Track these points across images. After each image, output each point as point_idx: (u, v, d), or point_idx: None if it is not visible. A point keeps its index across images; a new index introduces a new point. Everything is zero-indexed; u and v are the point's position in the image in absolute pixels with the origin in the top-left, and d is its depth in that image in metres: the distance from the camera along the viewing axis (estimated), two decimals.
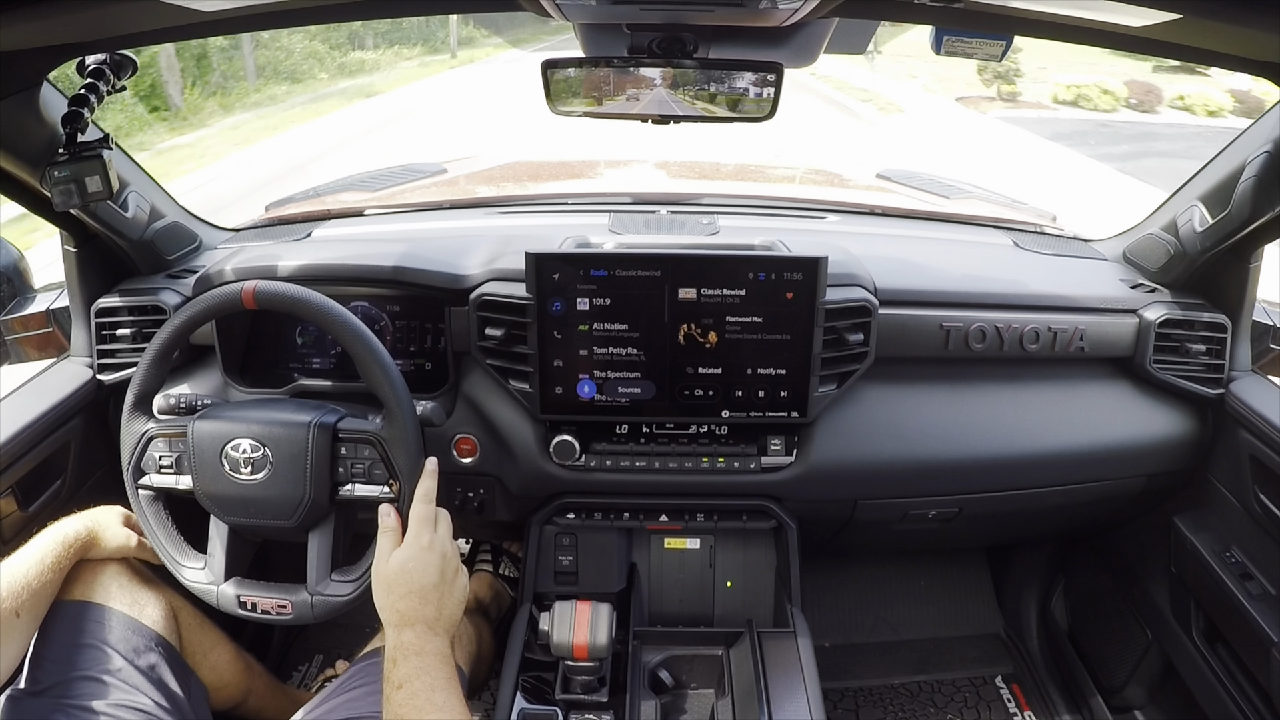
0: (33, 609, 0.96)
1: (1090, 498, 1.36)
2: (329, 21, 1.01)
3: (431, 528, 0.92)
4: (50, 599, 1.00)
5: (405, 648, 0.82)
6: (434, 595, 0.87)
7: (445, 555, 0.91)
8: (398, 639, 0.83)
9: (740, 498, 1.27)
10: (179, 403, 1.11)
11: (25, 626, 0.96)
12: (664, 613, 1.34)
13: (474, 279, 1.20)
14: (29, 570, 0.96)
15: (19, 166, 1.05)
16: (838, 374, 1.17)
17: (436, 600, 0.87)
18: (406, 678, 0.79)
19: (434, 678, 0.79)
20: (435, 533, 0.92)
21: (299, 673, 1.70)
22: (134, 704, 0.96)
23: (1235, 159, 1.15)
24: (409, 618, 0.85)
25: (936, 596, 1.86)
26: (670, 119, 1.03)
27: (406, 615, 0.85)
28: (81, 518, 1.06)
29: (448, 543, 0.93)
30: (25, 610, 0.95)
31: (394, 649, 0.83)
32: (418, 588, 0.87)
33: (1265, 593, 1.15)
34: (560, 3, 0.87)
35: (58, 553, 1.00)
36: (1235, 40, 0.87)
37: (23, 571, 0.96)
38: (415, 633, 0.84)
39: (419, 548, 0.90)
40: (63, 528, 1.03)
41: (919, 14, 0.93)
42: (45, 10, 0.77)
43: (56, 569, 1.00)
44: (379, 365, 1.02)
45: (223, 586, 1.06)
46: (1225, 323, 1.27)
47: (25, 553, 0.99)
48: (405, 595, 0.86)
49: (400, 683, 0.79)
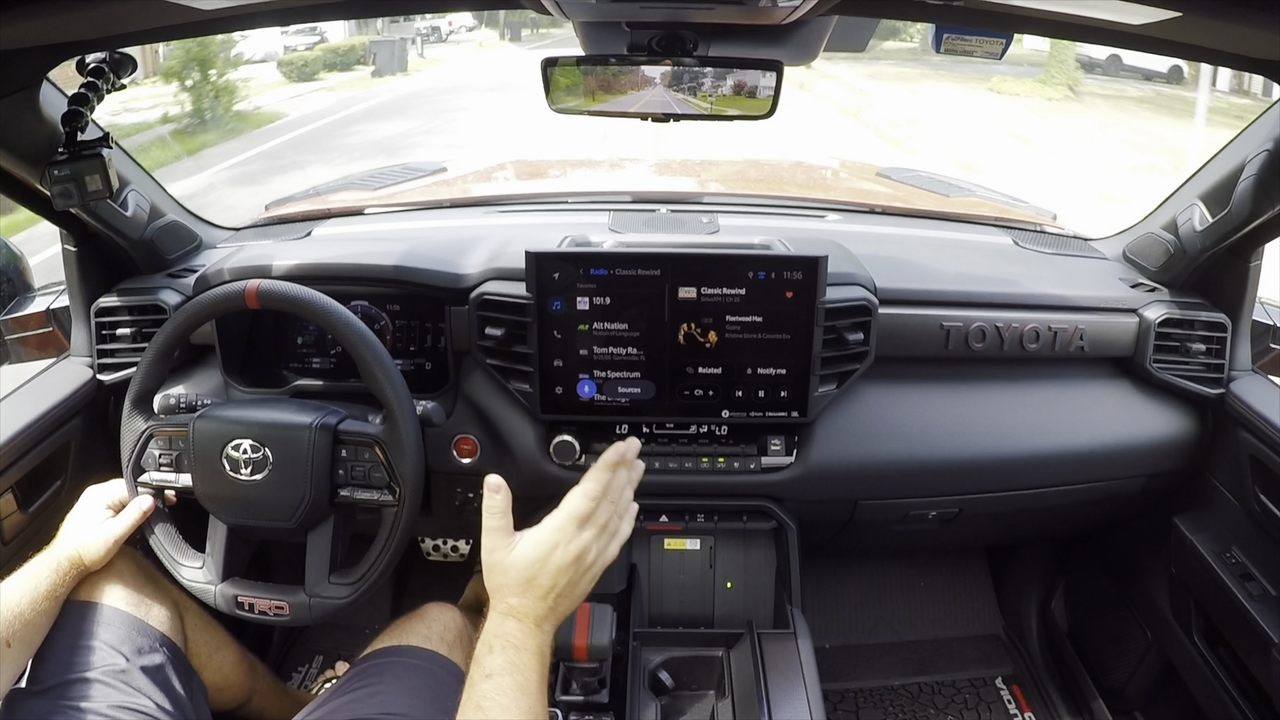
0: (26, 638, 0.94)
1: (1090, 498, 1.36)
2: (328, 19, 1.02)
3: (578, 525, 0.82)
4: (46, 627, 0.97)
5: (506, 638, 0.76)
6: (551, 596, 0.79)
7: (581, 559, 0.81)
8: (500, 626, 0.77)
9: (740, 498, 1.27)
10: (179, 402, 1.11)
11: (17, 655, 0.93)
12: (664, 614, 1.33)
13: (474, 278, 1.20)
14: (21, 599, 0.94)
15: (19, 165, 1.05)
16: (838, 373, 1.17)
17: (553, 600, 0.79)
18: (499, 670, 0.74)
19: (525, 677, 0.75)
20: (580, 532, 0.82)
21: (299, 673, 1.70)
22: (136, 706, 0.95)
23: (1235, 158, 1.15)
24: (519, 610, 0.78)
25: (936, 597, 1.86)
26: (670, 117, 1.03)
27: (517, 608, 0.78)
28: (64, 542, 1.02)
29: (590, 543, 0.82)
30: (17, 639, 0.92)
31: (492, 635, 0.77)
32: (539, 588, 0.79)
33: (1265, 593, 1.15)
34: (560, 1, 0.87)
35: (52, 580, 0.97)
36: (1235, 38, 0.87)
37: (15, 600, 0.93)
38: (521, 626, 0.77)
39: (550, 546, 0.80)
40: (55, 554, 1.00)
41: (919, 12, 0.93)
42: (45, 9, 0.77)
43: (51, 597, 0.97)
44: (380, 367, 1.02)
45: (220, 586, 1.06)
46: (1225, 322, 1.27)
47: (17, 580, 0.96)
48: (522, 591, 0.79)
49: (490, 672, 0.74)
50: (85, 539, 1.02)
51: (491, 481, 0.83)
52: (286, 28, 13.32)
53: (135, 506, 1.05)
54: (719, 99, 1.01)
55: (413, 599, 1.82)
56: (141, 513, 1.06)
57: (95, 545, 1.01)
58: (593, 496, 0.84)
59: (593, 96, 1.02)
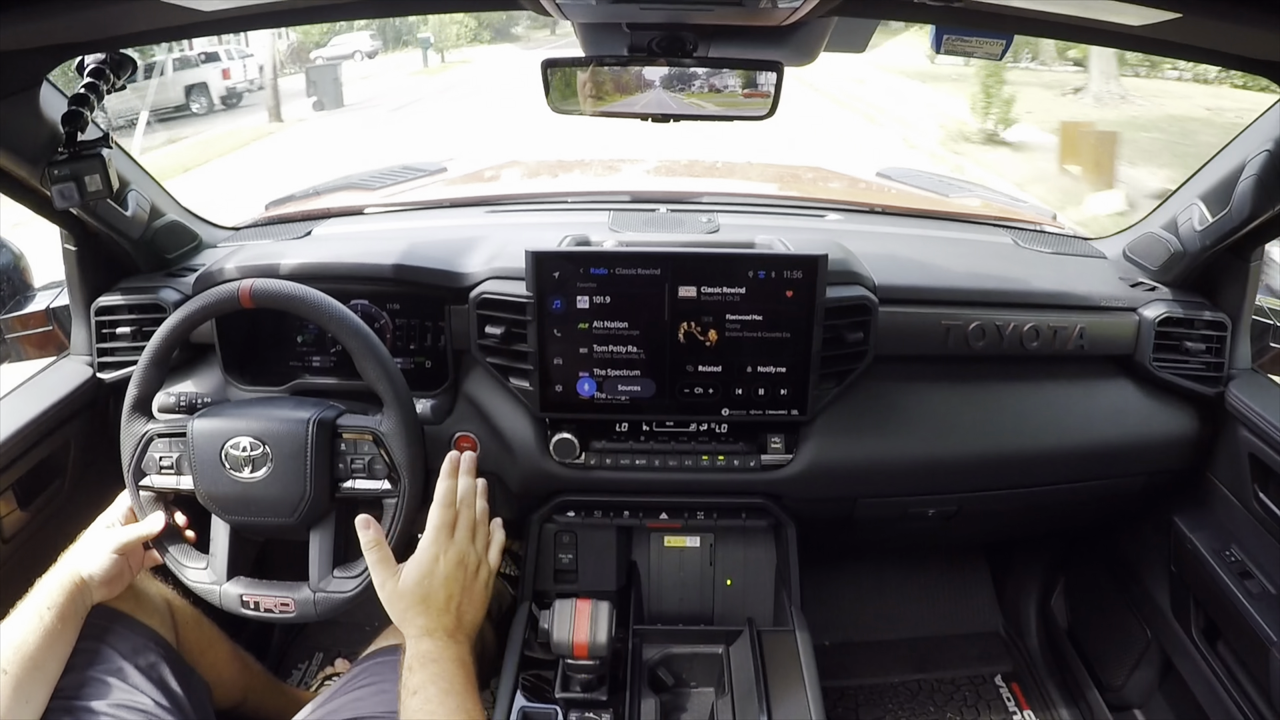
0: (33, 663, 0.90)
1: (1090, 496, 1.36)
2: (328, 20, 1.01)
3: (448, 533, 0.88)
4: (58, 649, 0.94)
5: (422, 656, 0.81)
6: (452, 606, 0.85)
7: (463, 561, 0.87)
8: (416, 648, 0.82)
9: (740, 496, 1.27)
10: (179, 401, 1.11)
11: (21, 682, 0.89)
12: (664, 611, 1.34)
13: (474, 277, 1.20)
14: (24, 625, 0.92)
15: (19, 166, 1.05)
16: (837, 372, 1.18)
17: (455, 610, 0.85)
18: (421, 685, 0.79)
19: (449, 683, 0.79)
20: (453, 538, 0.88)
21: (299, 671, 1.70)
22: (134, 703, 0.95)
23: (1235, 157, 1.15)
24: (428, 629, 0.83)
25: (936, 595, 1.86)
26: (670, 118, 1.03)
27: (425, 627, 0.83)
28: (63, 562, 1.00)
29: (465, 546, 0.89)
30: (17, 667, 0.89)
31: (411, 657, 0.82)
32: (437, 603, 0.84)
33: (1265, 592, 1.15)
34: (560, 2, 0.87)
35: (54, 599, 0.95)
36: (1236, 39, 0.87)
37: (14, 628, 0.91)
38: (434, 642, 0.82)
39: (432, 559, 0.86)
40: (55, 575, 0.98)
41: (919, 13, 0.93)
42: (45, 10, 0.77)
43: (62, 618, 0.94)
44: (377, 362, 1.02)
45: (225, 586, 1.06)
46: (1225, 321, 1.27)
47: (19, 608, 0.94)
48: (423, 611, 0.84)
49: (415, 689, 0.79)
50: (85, 553, 1.01)
51: (359, 520, 0.90)
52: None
53: (145, 525, 1.05)
54: (719, 99, 1.01)
55: None
56: (150, 531, 1.05)
57: (96, 557, 1.00)
58: (447, 504, 0.90)
59: (592, 97, 1.02)
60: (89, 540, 1.03)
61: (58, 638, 0.94)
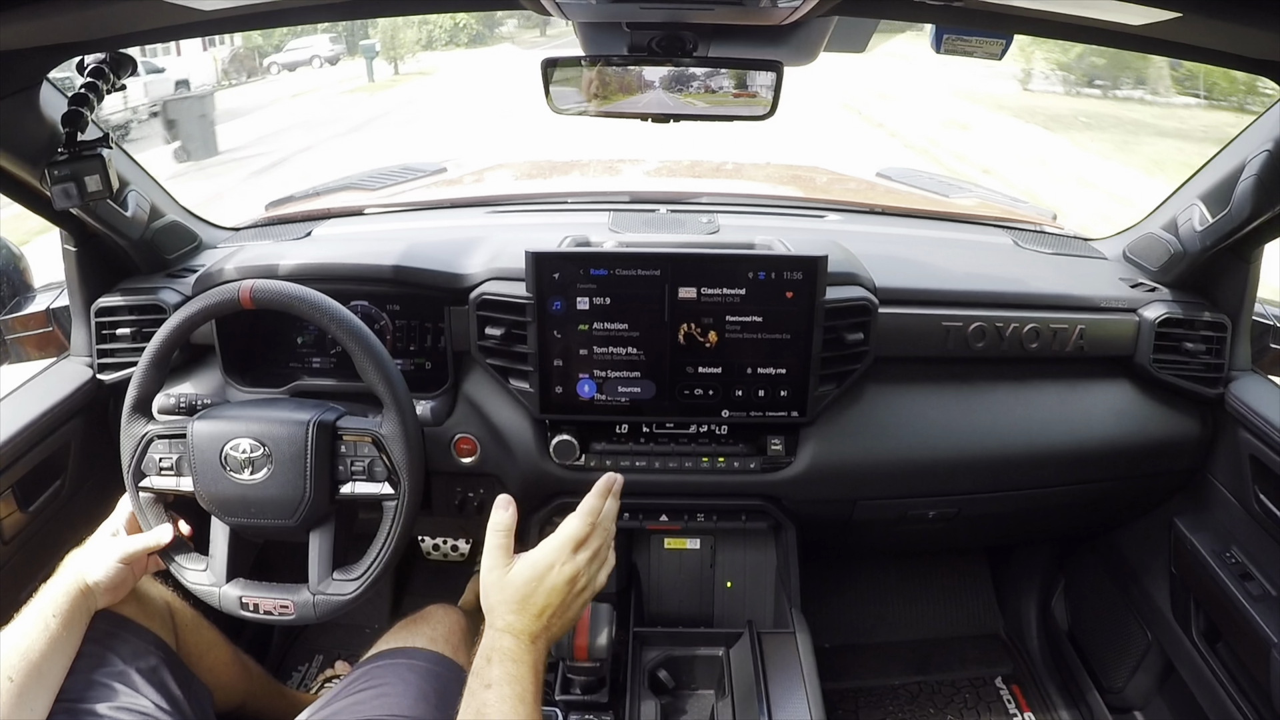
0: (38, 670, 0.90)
1: (1090, 498, 1.36)
2: (327, 20, 1.01)
3: (575, 548, 0.84)
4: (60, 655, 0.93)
5: (503, 651, 0.79)
6: (546, 615, 0.82)
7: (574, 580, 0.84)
8: (497, 641, 0.80)
9: (740, 498, 1.27)
10: (179, 402, 1.11)
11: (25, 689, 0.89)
12: (664, 613, 1.33)
13: (474, 278, 1.20)
14: (29, 632, 0.91)
15: (19, 166, 1.05)
16: (837, 373, 1.17)
17: (547, 619, 0.82)
18: (498, 680, 0.77)
19: (524, 688, 0.78)
20: (575, 555, 0.84)
21: (299, 673, 1.70)
22: (135, 706, 0.95)
23: (1235, 158, 1.15)
24: (513, 627, 0.81)
25: (936, 597, 1.86)
26: (670, 118, 1.03)
27: (512, 625, 0.81)
28: (66, 568, 1.00)
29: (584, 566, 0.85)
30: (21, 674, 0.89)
31: (490, 648, 0.80)
32: (534, 607, 0.81)
33: (1265, 593, 1.15)
34: (560, 2, 0.87)
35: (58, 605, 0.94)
36: (1236, 39, 0.87)
37: (18, 635, 0.91)
38: (517, 642, 0.80)
39: (547, 565, 0.83)
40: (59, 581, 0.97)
41: (919, 12, 0.93)
42: (45, 10, 0.77)
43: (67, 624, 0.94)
44: (377, 363, 1.02)
45: (224, 588, 1.06)
46: (1225, 322, 1.27)
47: (21, 615, 0.94)
48: (518, 609, 0.81)
49: (491, 682, 0.77)
50: (90, 560, 1.00)
51: (501, 499, 0.86)
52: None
53: (153, 537, 1.04)
54: (719, 99, 1.01)
55: (413, 598, 1.83)
56: (158, 543, 1.04)
57: (101, 565, 0.99)
58: (590, 521, 0.86)
59: (592, 97, 1.02)
60: (94, 547, 1.03)
61: (62, 644, 0.94)
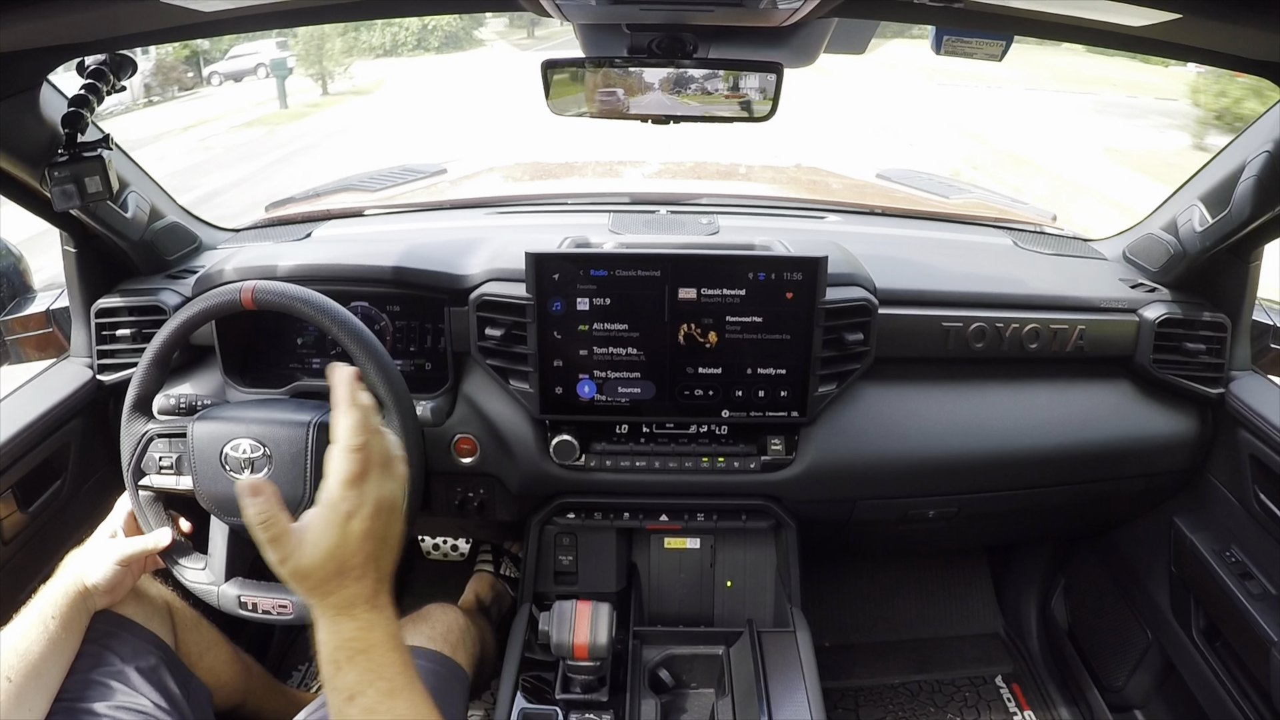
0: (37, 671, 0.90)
1: (1090, 497, 1.36)
2: (328, 21, 1.01)
3: (361, 481, 0.69)
4: (59, 656, 0.93)
5: (349, 646, 0.67)
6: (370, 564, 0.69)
7: (381, 505, 0.70)
8: (336, 636, 0.67)
9: (740, 497, 1.27)
10: (179, 403, 1.11)
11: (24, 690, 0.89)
12: (664, 612, 1.34)
13: (474, 279, 1.20)
14: (28, 633, 0.91)
15: (19, 167, 1.05)
16: (837, 373, 1.17)
17: (375, 567, 0.69)
18: (357, 686, 0.66)
19: (389, 680, 0.67)
20: (366, 484, 0.69)
21: (299, 672, 1.70)
22: (134, 705, 0.95)
23: (1235, 159, 1.15)
24: (344, 603, 0.68)
25: (936, 596, 1.86)
26: (670, 119, 1.03)
27: (341, 602, 0.68)
28: (65, 569, 1.00)
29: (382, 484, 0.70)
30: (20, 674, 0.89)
31: (334, 649, 0.67)
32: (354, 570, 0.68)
33: (1265, 592, 1.16)
34: (560, 3, 0.87)
35: (57, 606, 0.94)
36: (1235, 40, 0.87)
37: (16, 635, 0.91)
38: (355, 621, 0.68)
39: (343, 519, 0.68)
40: (58, 582, 0.97)
41: (919, 14, 0.93)
42: (45, 10, 0.77)
43: (66, 625, 0.94)
44: (377, 364, 1.02)
45: (223, 587, 1.06)
46: (1225, 322, 1.27)
47: (20, 616, 0.94)
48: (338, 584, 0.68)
49: (350, 692, 0.66)
50: (89, 561, 1.00)
51: (243, 487, 0.67)
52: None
53: (152, 539, 1.04)
54: (719, 101, 1.01)
55: (412, 598, 1.83)
56: (156, 545, 1.04)
57: (100, 567, 0.99)
58: (355, 444, 0.70)
59: (593, 99, 1.02)
60: (93, 549, 1.03)
61: (61, 645, 0.94)
